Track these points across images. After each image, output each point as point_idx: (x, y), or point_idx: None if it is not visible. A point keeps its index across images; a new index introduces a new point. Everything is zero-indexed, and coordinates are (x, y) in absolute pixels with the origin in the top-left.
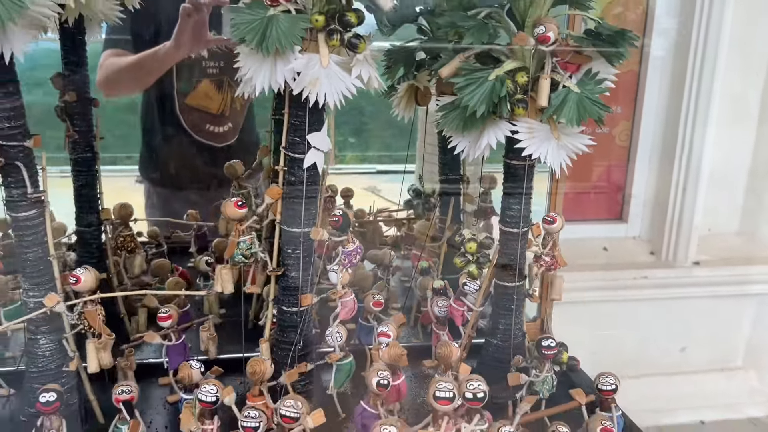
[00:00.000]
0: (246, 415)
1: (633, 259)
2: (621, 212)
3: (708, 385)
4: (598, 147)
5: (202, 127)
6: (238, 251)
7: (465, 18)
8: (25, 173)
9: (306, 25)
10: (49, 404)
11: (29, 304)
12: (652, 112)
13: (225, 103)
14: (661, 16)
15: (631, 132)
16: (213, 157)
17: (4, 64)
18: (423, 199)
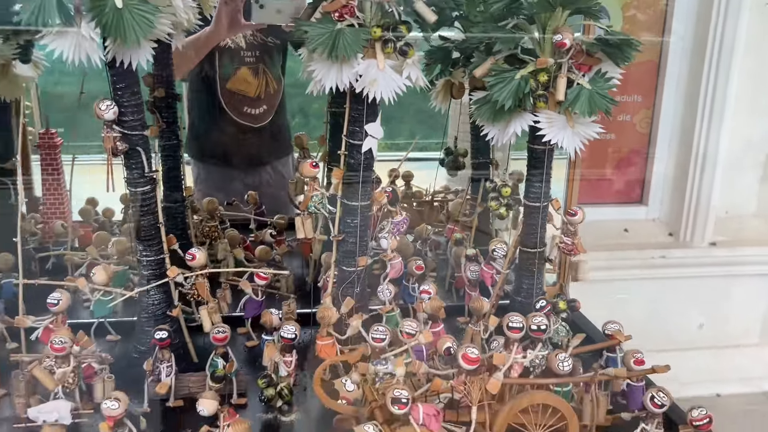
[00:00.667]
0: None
1: (652, 240)
2: (641, 196)
3: (724, 361)
4: (620, 134)
5: (241, 109)
6: (312, 203)
7: (496, 28)
8: (143, 156)
9: (366, 37)
10: (162, 339)
11: (143, 262)
12: (672, 99)
13: (261, 87)
14: (681, 6)
15: (651, 119)
16: (250, 135)
17: (131, 71)
18: (453, 157)
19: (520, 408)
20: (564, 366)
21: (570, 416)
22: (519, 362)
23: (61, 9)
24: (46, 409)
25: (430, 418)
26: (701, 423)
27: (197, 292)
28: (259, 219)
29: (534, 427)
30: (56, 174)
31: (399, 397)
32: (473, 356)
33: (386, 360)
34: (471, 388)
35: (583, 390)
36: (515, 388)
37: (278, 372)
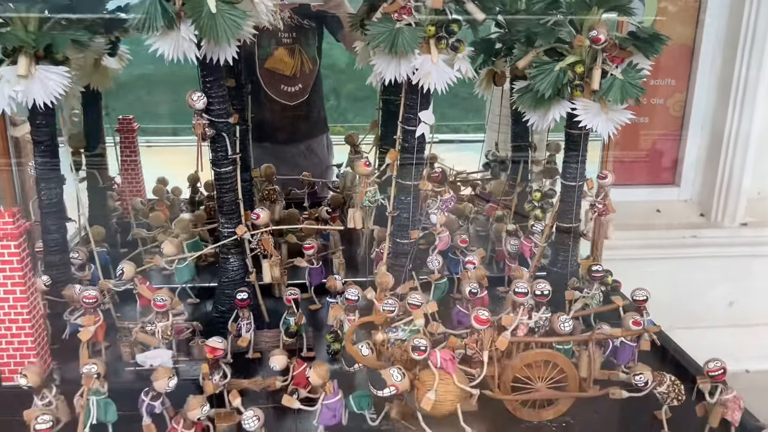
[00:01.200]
0: (386, 303)
1: (684, 220)
2: (674, 177)
3: (754, 338)
4: (654, 117)
5: (278, 87)
6: (366, 198)
7: (537, 24)
8: (227, 141)
9: (422, 34)
10: (243, 300)
11: (224, 233)
12: (705, 83)
13: (296, 66)
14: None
15: (684, 102)
16: (286, 113)
17: (219, 66)
18: (498, 161)
19: (526, 363)
20: (565, 326)
21: (569, 370)
22: (525, 323)
23: (165, 15)
24: (152, 355)
25: (447, 362)
26: (716, 373)
27: (263, 247)
28: (315, 197)
29: (538, 380)
30: (133, 156)
31: (418, 345)
32: (483, 317)
33: (396, 328)
34: (483, 338)
35: (582, 347)
36: (521, 345)
37: (343, 329)
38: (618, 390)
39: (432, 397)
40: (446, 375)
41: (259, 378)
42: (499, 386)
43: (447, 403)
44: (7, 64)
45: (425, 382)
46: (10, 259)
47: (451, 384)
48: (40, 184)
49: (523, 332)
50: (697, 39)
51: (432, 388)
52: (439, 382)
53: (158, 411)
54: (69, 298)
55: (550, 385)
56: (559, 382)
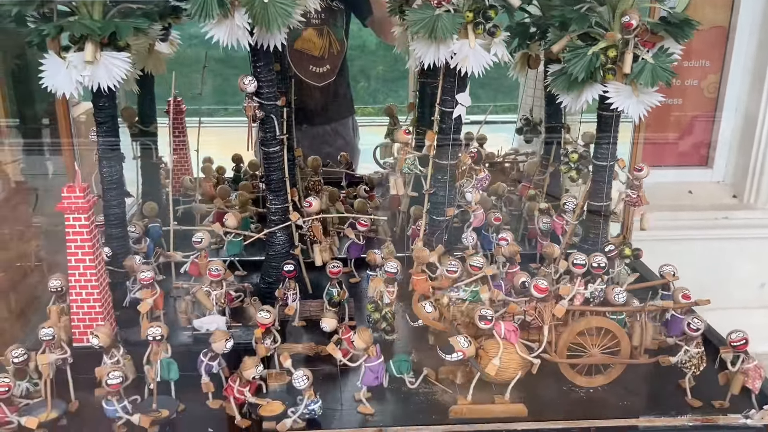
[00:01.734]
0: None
1: (716, 202)
2: (707, 159)
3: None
4: (687, 99)
5: (307, 68)
6: (405, 165)
7: (571, 11)
8: (275, 122)
9: (460, 20)
10: (290, 271)
11: (271, 209)
12: (740, 64)
13: (324, 47)
14: None
15: (719, 84)
16: (314, 94)
17: (269, 51)
18: (531, 126)
19: (581, 329)
20: (618, 297)
21: (622, 338)
22: (581, 293)
23: (221, 4)
24: (207, 321)
25: (510, 333)
26: (739, 344)
27: (313, 234)
28: (351, 176)
29: (591, 346)
30: (182, 136)
31: (485, 315)
32: (543, 286)
33: (458, 288)
34: (543, 311)
35: (635, 318)
36: (577, 314)
37: (383, 300)
38: (667, 358)
39: (497, 363)
40: (509, 345)
41: (312, 343)
42: (555, 351)
43: (510, 370)
44: (74, 50)
45: (489, 350)
46: (81, 230)
47: (513, 353)
48: (102, 161)
49: (579, 301)
50: (732, 21)
51: (497, 356)
52: (503, 351)
53: (215, 371)
54: (129, 269)
55: (603, 352)
56: (611, 349)
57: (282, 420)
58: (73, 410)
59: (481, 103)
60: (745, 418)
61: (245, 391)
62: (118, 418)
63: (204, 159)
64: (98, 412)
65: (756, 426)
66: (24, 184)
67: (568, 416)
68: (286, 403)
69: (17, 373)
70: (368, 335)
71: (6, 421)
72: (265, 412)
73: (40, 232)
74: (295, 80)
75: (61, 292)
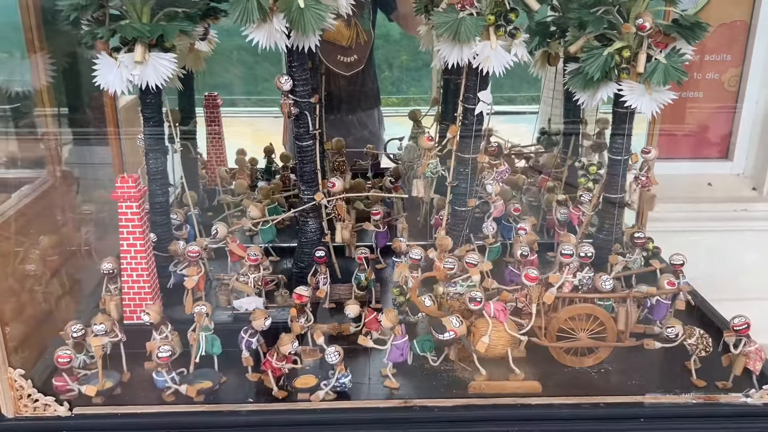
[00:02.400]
0: (446, 261)
1: (736, 194)
2: (727, 151)
3: None
4: (708, 92)
5: (334, 57)
6: (428, 170)
7: (588, 14)
8: (309, 118)
9: (483, 23)
10: (321, 257)
11: (304, 199)
12: (761, 58)
13: (352, 38)
14: None
15: (740, 77)
16: (341, 84)
17: (303, 53)
18: (548, 136)
19: (569, 315)
20: (606, 285)
21: (608, 323)
22: (569, 281)
23: (261, 10)
24: (246, 301)
25: (499, 312)
26: (741, 328)
27: (338, 212)
28: (377, 168)
29: (580, 331)
30: (217, 129)
31: (475, 297)
32: (533, 275)
33: (455, 283)
34: (531, 293)
35: (621, 303)
36: (566, 300)
37: (407, 284)
38: (651, 341)
39: (486, 341)
40: (498, 323)
41: (335, 323)
42: (546, 335)
43: (498, 347)
44: (125, 51)
45: (480, 328)
46: (132, 217)
47: (502, 331)
48: (149, 154)
49: (567, 289)
50: (754, 15)
51: (486, 334)
52: (492, 329)
53: (254, 347)
54: (174, 253)
55: (591, 336)
56: (599, 333)
57: (315, 392)
58: (126, 381)
59: (505, 93)
60: (746, 397)
61: (282, 364)
62: (167, 388)
63: (237, 151)
64: (148, 382)
65: (755, 404)
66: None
67: (578, 393)
68: (319, 377)
69: (76, 346)
70: (394, 315)
71: (68, 389)
72: (299, 384)
73: (90, 219)
74: (324, 69)
75: (113, 274)
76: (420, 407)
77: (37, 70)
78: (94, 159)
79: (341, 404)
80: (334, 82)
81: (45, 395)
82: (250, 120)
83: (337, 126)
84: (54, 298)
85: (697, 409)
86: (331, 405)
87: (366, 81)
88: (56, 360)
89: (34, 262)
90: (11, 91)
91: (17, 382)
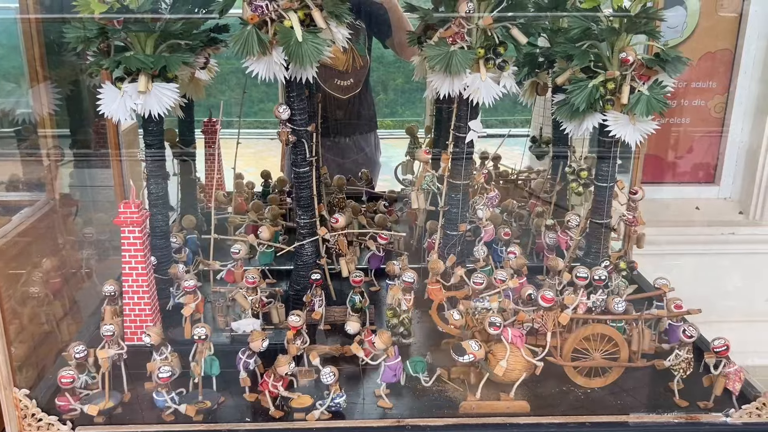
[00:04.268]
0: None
1: (723, 218)
2: (714, 176)
3: None
4: (695, 118)
5: (332, 81)
6: (425, 182)
7: (574, 48)
8: (306, 146)
9: (473, 56)
10: (317, 280)
11: (300, 223)
12: (746, 86)
13: (348, 62)
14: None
15: (726, 104)
16: (338, 108)
17: (301, 84)
18: (538, 144)
19: (584, 336)
20: (618, 307)
21: (621, 344)
22: (584, 302)
23: (261, 44)
24: (244, 323)
25: (517, 338)
26: (720, 350)
27: (339, 247)
28: (371, 192)
29: (594, 351)
30: (215, 153)
31: (494, 322)
32: (549, 296)
33: (483, 298)
34: (547, 319)
35: (633, 325)
36: (581, 322)
37: (400, 306)
38: (661, 362)
39: (504, 365)
40: (516, 348)
41: (338, 345)
42: (561, 354)
43: (515, 371)
44: (128, 81)
45: (497, 353)
46: (135, 241)
47: (519, 356)
48: (150, 179)
49: (581, 310)
50: (738, 45)
51: (504, 358)
52: (510, 354)
53: (252, 367)
54: (173, 275)
55: (604, 357)
56: (612, 354)
57: (311, 411)
58: (126, 400)
59: (498, 117)
60: (726, 416)
61: (279, 385)
62: (167, 407)
63: (235, 175)
64: (148, 402)
65: (735, 423)
66: (69, 196)
67: (566, 413)
68: (314, 397)
69: (78, 367)
70: (387, 337)
71: (70, 408)
72: (295, 405)
73: (91, 242)
74: (321, 93)
75: (114, 296)
76: (412, 426)
77: (40, 99)
78: (95, 182)
79: (336, 423)
80: (332, 106)
81: (48, 414)
82: (246, 142)
83: (333, 150)
84: (56, 320)
85: (678, 428)
86: (326, 424)
87: (363, 105)
88: (59, 380)
89: (37, 285)
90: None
91: (22, 402)
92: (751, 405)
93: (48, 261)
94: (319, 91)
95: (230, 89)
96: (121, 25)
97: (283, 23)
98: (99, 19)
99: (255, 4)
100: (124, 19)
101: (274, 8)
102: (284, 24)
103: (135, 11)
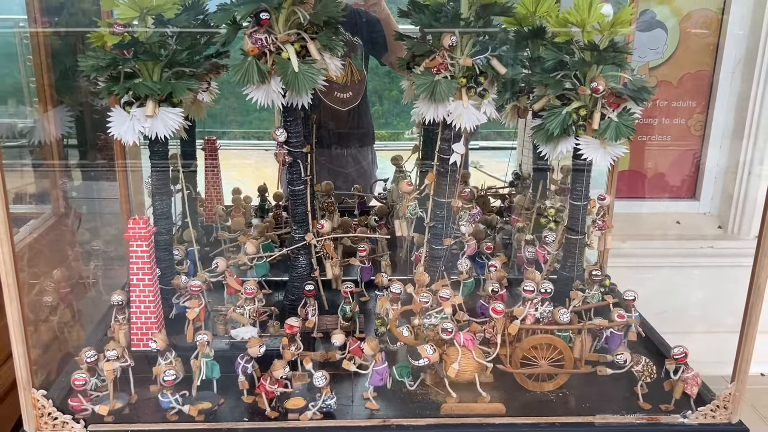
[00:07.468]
0: (422, 295)
1: (702, 232)
2: (694, 192)
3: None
4: (676, 136)
5: (332, 93)
6: (408, 211)
7: (548, 78)
8: (301, 166)
9: (456, 85)
10: (310, 291)
11: (295, 237)
12: (724, 105)
13: (347, 76)
14: (734, 21)
15: (705, 122)
16: (339, 119)
17: (297, 109)
18: (521, 180)
19: (531, 345)
20: (564, 317)
21: (566, 352)
22: (531, 314)
23: (260, 73)
24: (243, 331)
25: (468, 341)
26: (679, 356)
27: (325, 251)
28: (363, 206)
29: (541, 359)
30: (215, 170)
31: (447, 327)
32: (499, 309)
33: (430, 315)
34: (497, 324)
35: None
36: (529, 331)
37: (388, 316)
38: (603, 368)
39: (456, 367)
40: (467, 351)
41: (322, 351)
42: (511, 363)
43: (467, 372)
44: (137, 106)
45: (451, 355)
46: (142, 255)
47: (471, 358)
48: (155, 196)
49: (530, 321)
50: (716, 65)
51: (456, 361)
52: (462, 356)
53: (249, 371)
54: (176, 286)
55: (550, 363)
56: (558, 361)
57: (304, 412)
58: (133, 402)
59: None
60: (683, 417)
61: (274, 388)
62: (171, 408)
63: (233, 190)
64: (153, 403)
65: (692, 424)
66: (73, 208)
67: (538, 414)
68: (307, 399)
69: (88, 370)
70: (375, 344)
71: (82, 408)
72: (290, 406)
73: (98, 254)
74: (321, 106)
75: (121, 306)
76: (397, 426)
77: (50, 122)
78: (101, 196)
79: (327, 423)
80: (330, 121)
81: (63, 413)
82: (242, 153)
83: (331, 162)
84: (66, 326)
85: (640, 428)
86: (318, 424)
87: (361, 120)
88: (73, 383)
89: (49, 294)
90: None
91: (39, 402)
92: (706, 407)
93: (58, 271)
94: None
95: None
96: (131, 54)
97: (280, 55)
98: (111, 49)
99: (255, 37)
100: (134, 49)
101: (273, 41)
102: (282, 55)
103: (145, 43)
